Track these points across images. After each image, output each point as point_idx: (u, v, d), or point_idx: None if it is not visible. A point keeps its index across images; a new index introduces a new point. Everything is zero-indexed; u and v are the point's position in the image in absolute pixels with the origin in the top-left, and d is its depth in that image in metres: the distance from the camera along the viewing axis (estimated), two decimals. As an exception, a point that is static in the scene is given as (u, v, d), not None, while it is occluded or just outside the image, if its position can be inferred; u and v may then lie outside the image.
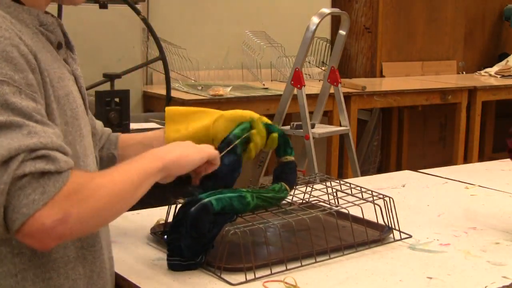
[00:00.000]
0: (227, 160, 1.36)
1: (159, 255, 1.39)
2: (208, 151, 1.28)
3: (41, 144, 0.96)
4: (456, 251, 1.46)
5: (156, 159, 1.15)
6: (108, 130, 1.49)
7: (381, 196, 1.51)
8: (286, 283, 1.25)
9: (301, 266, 1.33)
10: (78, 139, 1.14)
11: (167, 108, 1.47)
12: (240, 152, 1.38)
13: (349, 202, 1.49)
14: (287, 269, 1.31)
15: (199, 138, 1.40)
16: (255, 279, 1.27)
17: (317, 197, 1.62)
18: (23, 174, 0.94)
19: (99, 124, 1.44)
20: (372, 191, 1.52)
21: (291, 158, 1.46)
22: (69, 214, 0.96)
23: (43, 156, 0.96)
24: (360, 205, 1.47)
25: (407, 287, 1.27)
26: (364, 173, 4.68)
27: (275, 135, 1.44)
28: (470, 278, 1.31)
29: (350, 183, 1.59)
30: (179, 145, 1.25)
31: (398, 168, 5.15)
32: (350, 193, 1.55)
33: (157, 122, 2.98)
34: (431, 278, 1.30)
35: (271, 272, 1.29)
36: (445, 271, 1.34)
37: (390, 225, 1.51)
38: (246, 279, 1.26)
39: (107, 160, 1.44)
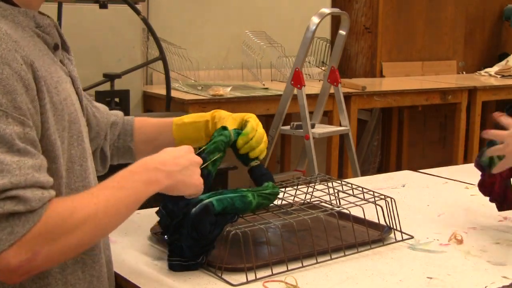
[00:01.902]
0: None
1: (159, 255, 1.39)
2: (201, 187, 1.23)
3: (10, 184, 0.94)
4: (456, 251, 1.46)
5: (155, 183, 1.12)
6: (119, 117, 1.47)
7: (382, 196, 1.51)
8: (286, 283, 1.25)
9: (302, 266, 1.33)
10: (75, 143, 1.13)
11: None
12: (211, 169, 1.37)
13: (350, 202, 1.49)
14: (288, 270, 1.31)
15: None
16: (256, 279, 1.27)
17: (318, 197, 1.62)
18: None
19: (104, 112, 1.43)
20: (373, 192, 1.52)
21: (257, 162, 1.45)
22: (37, 253, 0.96)
23: (13, 197, 0.94)
24: (361, 205, 1.47)
25: (407, 287, 1.27)
26: (364, 173, 4.68)
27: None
28: (470, 278, 1.31)
29: (351, 184, 1.59)
30: (185, 167, 1.18)
31: (398, 168, 5.15)
32: (351, 193, 1.55)
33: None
34: (431, 278, 1.31)
35: (272, 272, 1.29)
36: (445, 271, 1.34)
37: (391, 226, 1.51)
38: (247, 279, 1.26)
39: (123, 152, 1.45)
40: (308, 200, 1.61)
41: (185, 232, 1.27)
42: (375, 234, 1.48)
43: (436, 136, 5.58)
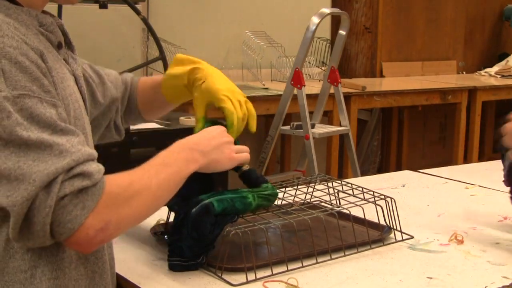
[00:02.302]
0: None
1: (159, 255, 1.39)
2: (239, 158, 1.33)
3: (73, 162, 1.01)
4: (456, 251, 1.46)
5: (193, 161, 1.22)
6: (128, 82, 1.50)
7: (382, 196, 1.51)
8: (287, 283, 1.26)
9: (302, 266, 1.33)
10: None
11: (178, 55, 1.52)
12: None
13: (350, 202, 1.49)
14: (288, 269, 1.31)
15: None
16: (256, 279, 1.27)
17: (318, 197, 1.62)
18: (64, 195, 1.00)
19: (113, 89, 1.45)
20: (374, 192, 1.52)
21: (247, 166, 1.43)
22: (109, 222, 1.04)
23: (79, 174, 1.01)
24: (361, 205, 1.47)
25: (407, 287, 1.27)
26: (364, 173, 4.68)
27: None
28: (470, 278, 1.31)
29: (351, 184, 1.59)
30: (216, 147, 1.28)
31: (398, 168, 5.15)
32: (351, 193, 1.55)
33: (157, 122, 2.98)
34: (431, 278, 1.31)
35: (272, 272, 1.29)
36: (445, 271, 1.34)
37: (391, 226, 1.51)
38: (247, 279, 1.26)
39: (134, 117, 1.52)
40: (308, 200, 1.61)
41: (185, 232, 1.27)
42: (375, 234, 1.48)
43: (436, 136, 5.58)
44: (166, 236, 1.42)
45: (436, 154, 5.53)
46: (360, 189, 1.55)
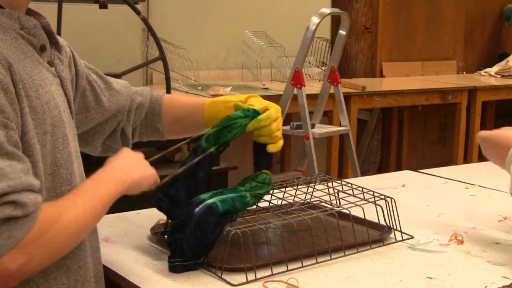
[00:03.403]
0: (188, 160, 1.36)
1: (159, 255, 1.39)
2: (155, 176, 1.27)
3: (9, 188, 0.96)
4: (456, 251, 1.46)
5: (120, 183, 1.17)
6: (145, 96, 1.48)
7: (382, 196, 1.51)
8: (288, 283, 1.25)
9: (302, 266, 1.33)
10: (60, 147, 1.13)
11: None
12: (200, 152, 1.37)
13: (350, 202, 1.49)
14: (288, 270, 1.31)
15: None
16: (255, 279, 1.27)
17: (318, 197, 1.62)
18: None
19: (124, 94, 1.44)
20: (374, 192, 1.52)
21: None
22: (33, 257, 0.98)
23: (11, 202, 0.96)
24: (361, 205, 1.47)
25: (407, 287, 1.27)
26: (364, 173, 4.68)
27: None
28: (470, 278, 1.31)
29: (351, 184, 1.59)
30: (136, 165, 1.24)
31: (398, 168, 5.15)
32: (351, 193, 1.55)
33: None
34: (431, 278, 1.31)
35: (271, 272, 1.29)
36: (445, 271, 1.34)
37: (391, 226, 1.51)
38: (247, 279, 1.26)
39: (151, 131, 1.48)
40: (308, 200, 1.61)
41: (188, 231, 1.27)
42: (375, 234, 1.48)
43: (436, 136, 5.58)
44: (166, 236, 1.42)
45: (436, 154, 5.53)
46: (360, 189, 1.55)
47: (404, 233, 1.51)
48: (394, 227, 1.50)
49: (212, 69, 4.42)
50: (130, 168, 1.22)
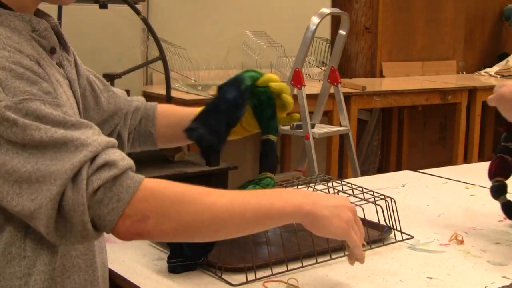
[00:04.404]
0: (230, 95, 1.33)
1: (159, 255, 1.39)
2: (350, 236, 1.14)
3: (90, 153, 0.99)
4: (456, 251, 1.46)
5: (294, 203, 1.10)
6: (141, 102, 1.47)
7: (382, 197, 1.51)
8: (288, 283, 1.25)
9: (302, 266, 1.33)
10: None
11: None
12: (243, 88, 1.34)
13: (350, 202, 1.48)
14: (287, 270, 1.31)
15: None
16: (255, 279, 1.27)
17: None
18: (95, 189, 0.98)
19: (121, 97, 1.43)
20: (374, 192, 1.52)
21: (275, 137, 1.40)
22: (147, 218, 1.01)
23: (103, 165, 0.99)
24: (361, 206, 1.47)
25: (407, 287, 1.27)
26: (364, 173, 4.68)
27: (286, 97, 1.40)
28: (470, 278, 1.31)
29: (351, 184, 1.59)
30: (334, 206, 1.13)
31: (398, 168, 5.15)
32: (351, 193, 1.55)
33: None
34: (431, 278, 1.31)
35: (271, 272, 1.29)
36: (445, 271, 1.34)
37: (392, 226, 1.51)
38: (247, 279, 1.26)
39: (144, 137, 1.46)
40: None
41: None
42: (375, 234, 1.48)
43: (436, 136, 5.58)
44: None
45: (436, 154, 5.53)
46: (360, 189, 1.55)
47: (404, 233, 1.51)
48: (394, 227, 1.51)
49: (212, 69, 4.42)
50: (323, 201, 1.13)
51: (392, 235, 1.50)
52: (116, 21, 3.83)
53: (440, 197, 1.91)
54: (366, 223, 1.48)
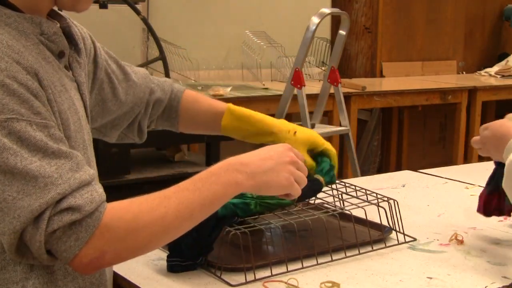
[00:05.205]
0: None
1: (159, 255, 1.39)
2: (293, 188, 1.17)
3: (58, 195, 0.98)
4: (456, 251, 1.46)
5: (234, 185, 1.11)
6: (166, 91, 1.46)
7: (385, 199, 1.50)
8: (288, 284, 1.25)
9: (302, 267, 1.33)
10: (81, 152, 1.12)
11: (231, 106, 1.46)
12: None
13: (353, 204, 1.48)
14: (287, 270, 1.30)
15: (258, 128, 1.43)
16: (255, 280, 1.26)
17: (321, 198, 1.62)
18: (54, 230, 0.98)
19: (142, 86, 1.42)
20: (376, 194, 1.52)
21: (319, 177, 1.41)
22: (105, 252, 1.01)
23: (67, 209, 0.98)
24: (363, 207, 1.46)
25: (407, 287, 1.27)
26: (364, 173, 4.68)
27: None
28: (470, 278, 1.31)
29: (355, 186, 1.58)
30: (271, 169, 1.14)
31: (398, 168, 5.15)
32: (355, 195, 1.54)
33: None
34: (431, 278, 1.31)
35: (271, 273, 1.29)
36: (445, 271, 1.34)
37: (394, 228, 1.50)
38: (245, 280, 1.26)
39: (167, 125, 1.48)
40: (312, 201, 1.61)
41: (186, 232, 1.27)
42: (376, 234, 1.48)
43: (436, 136, 5.58)
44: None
45: (436, 154, 5.53)
46: (363, 191, 1.54)
47: (407, 236, 1.50)
48: (397, 229, 1.50)
49: (212, 69, 4.42)
50: (260, 167, 1.14)
51: (392, 235, 1.50)
52: (116, 21, 3.83)
53: (440, 197, 1.91)
54: (368, 223, 1.47)
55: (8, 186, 0.97)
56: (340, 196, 1.56)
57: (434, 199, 1.88)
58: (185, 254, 1.29)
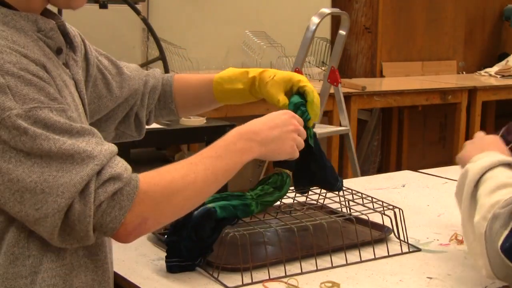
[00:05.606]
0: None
1: (159, 255, 1.39)
2: (297, 153, 1.30)
3: (97, 166, 1.02)
4: (456, 251, 1.46)
5: (249, 152, 1.21)
6: (157, 79, 1.48)
7: (391, 207, 1.49)
8: (288, 284, 1.25)
9: (301, 272, 1.33)
10: None
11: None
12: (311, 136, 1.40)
13: (357, 211, 1.48)
14: (286, 275, 1.30)
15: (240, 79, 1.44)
16: (252, 283, 1.26)
17: (326, 205, 1.61)
18: (101, 202, 1.02)
19: (135, 78, 1.43)
20: (382, 202, 1.51)
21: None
22: (147, 218, 1.06)
23: (109, 179, 1.03)
24: (367, 214, 1.45)
25: (407, 287, 1.27)
26: (364, 173, 4.68)
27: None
28: (470, 278, 1.31)
29: (361, 193, 1.57)
30: (278, 137, 1.25)
31: (398, 168, 5.15)
32: (361, 203, 1.53)
33: (157, 122, 2.98)
34: (431, 278, 1.31)
35: (269, 275, 1.29)
36: (445, 271, 1.34)
37: (400, 237, 1.48)
38: (242, 282, 1.25)
39: (166, 113, 1.50)
40: (315, 202, 1.60)
41: (185, 233, 1.27)
42: (376, 234, 1.47)
43: (436, 136, 5.58)
44: (165, 236, 1.42)
45: (436, 154, 5.53)
46: (369, 198, 1.53)
47: (411, 245, 1.47)
48: (402, 239, 1.48)
49: (212, 69, 4.41)
50: (268, 136, 1.24)
51: (395, 239, 1.50)
52: (116, 21, 3.83)
53: (440, 197, 1.91)
54: (369, 224, 1.46)
55: (47, 167, 1.00)
56: (347, 203, 1.54)
57: (434, 199, 1.88)
58: (184, 255, 1.29)
